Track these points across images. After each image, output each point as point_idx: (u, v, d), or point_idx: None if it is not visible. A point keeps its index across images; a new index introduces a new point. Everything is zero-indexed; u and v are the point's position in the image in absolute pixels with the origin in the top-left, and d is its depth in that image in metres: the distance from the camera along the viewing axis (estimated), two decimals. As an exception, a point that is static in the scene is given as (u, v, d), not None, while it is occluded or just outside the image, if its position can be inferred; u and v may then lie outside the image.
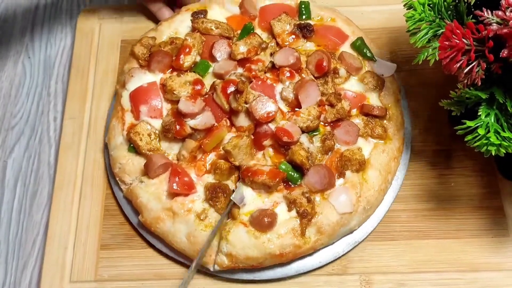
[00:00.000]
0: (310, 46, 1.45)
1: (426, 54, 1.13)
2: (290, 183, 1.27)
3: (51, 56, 1.69)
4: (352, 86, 1.39)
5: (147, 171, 1.30)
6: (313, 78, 1.37)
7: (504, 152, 1.03)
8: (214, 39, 1.42)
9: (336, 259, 1.28)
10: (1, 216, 1.45)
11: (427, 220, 1.33)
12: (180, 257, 1.29)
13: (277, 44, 1.44)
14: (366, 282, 1.27)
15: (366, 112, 1.35)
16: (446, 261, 1.28)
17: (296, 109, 1.33)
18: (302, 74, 1.37)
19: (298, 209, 1.22)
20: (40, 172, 1.50)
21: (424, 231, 1.31)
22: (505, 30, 0.97)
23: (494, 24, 1.00)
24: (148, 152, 1.32)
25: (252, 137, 1.32)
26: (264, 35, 1.46)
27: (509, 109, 1.06)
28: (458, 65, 1.00)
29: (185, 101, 1.33)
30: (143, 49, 1.43)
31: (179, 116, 1.33)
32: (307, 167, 1.25)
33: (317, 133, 1.31)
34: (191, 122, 1.32)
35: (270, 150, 1.31)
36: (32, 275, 1.37)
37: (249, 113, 1.31)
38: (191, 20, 1.47)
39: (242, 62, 1.39)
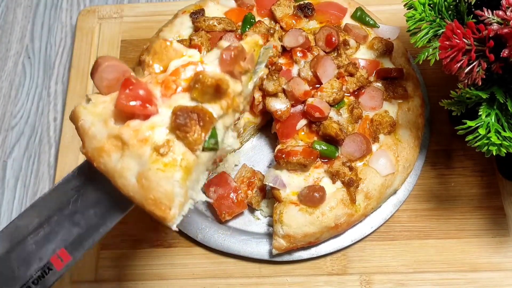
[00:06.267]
0: (313, 24, 1.47)
1: (426, 54, 1.13)
2: (327, 158, 1.28)
3: (51, 56, 1.69)
4: (363, 54, 1.43)
5: (93, 79, 0.96)
6: (325, 53, 1.39)
7: (505, 152, 1.03)
8: (218, 34, 1.43)
9: (384, 223, 1.32)
10: (1, 216, 1.45)
11: (427, 220, 1.33)
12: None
13: (281, 28, 1.45)
14: (366, 282, 1.27)
15: (384, 75, 1.38)
16: (446, 261, 1.28)
17: (317, 85, 1.35)
18: (314, 52, 1.39)
19: (342, 179, 1.25)
20: (40, 172, 1.50)
21: (424, 231, 1.31)
22: (505, 30, 0.97)
23: (495, 24, 1.00)
24: None
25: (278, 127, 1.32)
26: (266, 22, 1.48)
27: (509, 109, 1.06)
28: (458, 65, 1.00)
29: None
30: None
31: None
32: (341, 138, 1.27)
33: (343, 105, 1.34)
34: None
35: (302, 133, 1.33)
36: (32, 275, 1.37)
37: (285, 94, 1.33)
38: (191, 20, 1.47)
39: None
